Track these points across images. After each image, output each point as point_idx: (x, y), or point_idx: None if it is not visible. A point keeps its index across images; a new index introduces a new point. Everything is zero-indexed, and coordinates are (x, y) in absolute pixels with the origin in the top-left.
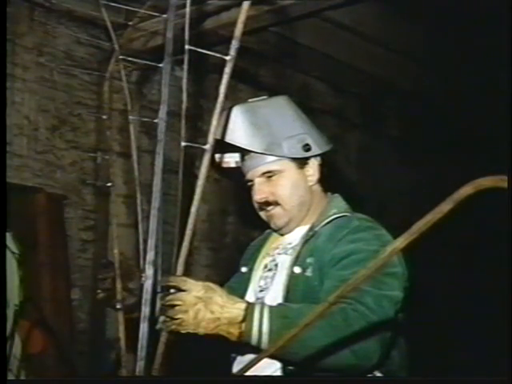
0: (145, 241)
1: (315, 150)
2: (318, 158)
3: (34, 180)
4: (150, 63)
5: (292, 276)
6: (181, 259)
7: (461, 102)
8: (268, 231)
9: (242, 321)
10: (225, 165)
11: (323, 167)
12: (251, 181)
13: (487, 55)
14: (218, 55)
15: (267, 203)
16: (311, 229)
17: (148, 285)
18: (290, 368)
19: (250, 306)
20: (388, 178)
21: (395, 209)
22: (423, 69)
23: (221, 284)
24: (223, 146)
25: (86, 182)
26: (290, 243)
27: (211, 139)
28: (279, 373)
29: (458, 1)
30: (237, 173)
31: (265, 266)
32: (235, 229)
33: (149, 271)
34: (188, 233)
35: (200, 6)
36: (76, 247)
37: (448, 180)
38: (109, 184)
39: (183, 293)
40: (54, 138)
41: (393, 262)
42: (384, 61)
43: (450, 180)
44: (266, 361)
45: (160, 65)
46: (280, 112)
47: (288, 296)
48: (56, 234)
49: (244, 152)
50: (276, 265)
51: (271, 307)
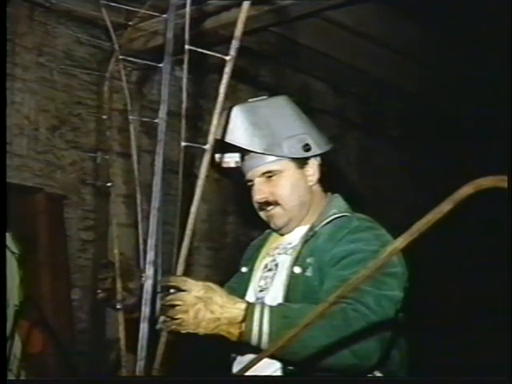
0: (145, 241)
1: (315, 150)
2: (318, 158)
3: (34, 180)
4: (150, 63)
5: (292, 276)
6: (181, 259)
7: (461, 102)
8: (268, 231)
9: (242, 321)
10: (225, 165)
11: (323, 167)
12: (251, 181)
13: (487, 55)
14: (218, 55)
15: (267, 203)
16: (311, 229)
17: (148, 285)
18: (290, 368)
19: (250, 306)
20: (388, 178)
21: (395, 209)
22: (423, 69)
23: (221, 284)
24: (223, 146)
25: (86, 182)
26: (290, 243)
27: (211, 139)
28: (279, 373)
29: (459, 1)
30: (237, 173)
31: (265, 266)
32: (235, 229)
33: (149, 271)
34: (188, 233)
35: (200, 6)
36: (76, 247)
37: (448, 180)
38: (109, 184)
39: (183, 293)
40: (54, 138)
41: (393, 262)
42: (384, 61)
43: (450, 180)
44: (266, 361)
45: (160, 65)
46: (280, 112)
47: (288, 296)
48: (56, 234)
49: (244, 152)
50: (276, 265)
51: (271, 307)
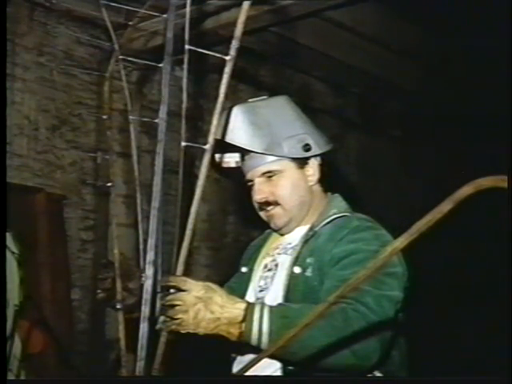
0: (145, 241)
1: (315, 150)
2: (318, 158)
3: (34, 180)
4: (150, 63)
5: (292, 276)
6: (181, 259)
7: (461, 102)
8: (268, 231)
9: (242, 321)
10: (225, 165)
11: (323, 167)
12: (251, 181)
13: (487, 55)
14: (218, 55)
15: (267, 203)
16: (311, 229)
17: (148, 285)
18: (290, 368)
19: (250, 306)
20: (388, 178)
21: (395, 209)
22: (423, 69)
23: (221, 284)
24: (223, 146)
25: (86, 182)
26: (290, 243)
27: (211, 139)
28: (279, 373)
29: (459, 1)
30: (237, 173)
31: (265, 266)
32: (235, 229)
33: (149, 271)
34: (188, 233)
35: (200, 6)
36: (76, 247)
37: (448, 180)
38: (109, 184)
39: (183, 293)
40: (54, 138)
41: (393, 262)
42: (384, 61)
43: (450, 180)
44: (266, 361)
45: (160, 65)
46: (280, 112)
47: (288, 296)
48: (56, 234)
49: (244, 152)
50: (276, 265)
51: (271, 307)
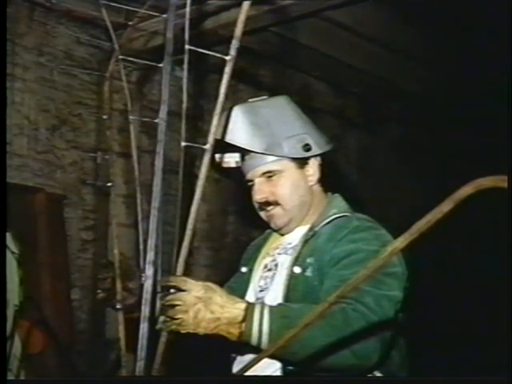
0: (145, 241)
1: (315, 150)
2: (318, 158)
3: (34, 180)
4: (150, 63)
5: (292, 276)
6: (181, 259)
7: (461, 102)
8: (268, 231)
9: (242, 321)
10: (225, 165)
11: (323, 167)
12: (251, 181)
13: (487, 55)
14: (218, 55)
15: (267, 203)
16: (311, 229)
17: (148, 285)
18: (290, 368)
19: (250, 306)
20: (388, 178)
21: (395, 209)
22: (423, 69)
23: (221, 284)
24: (223, 146)
25: (86, 182)
26: (290, 243)
27: (211, 139)
28: (279, 373)
29: (459, 1)
30: (237, 173)
31: (265, 266)
32: (235, 229)
33: (149, 271)
34: (188, 233)
35: (200, 6)
36: (76, 247)
37: (448, 180)
38: (109, 184)
39: (183, 293)
40: (54, 138)
41: (393, 262)
42: (384, 61)
43: (450, 180)
44: (266, 361)
45: (160, 65)
46: (280, 112)
47: (288, 296)
48: (56, 234)
49: (244, 152)
50: (276, 265)
51: (271, 307)
